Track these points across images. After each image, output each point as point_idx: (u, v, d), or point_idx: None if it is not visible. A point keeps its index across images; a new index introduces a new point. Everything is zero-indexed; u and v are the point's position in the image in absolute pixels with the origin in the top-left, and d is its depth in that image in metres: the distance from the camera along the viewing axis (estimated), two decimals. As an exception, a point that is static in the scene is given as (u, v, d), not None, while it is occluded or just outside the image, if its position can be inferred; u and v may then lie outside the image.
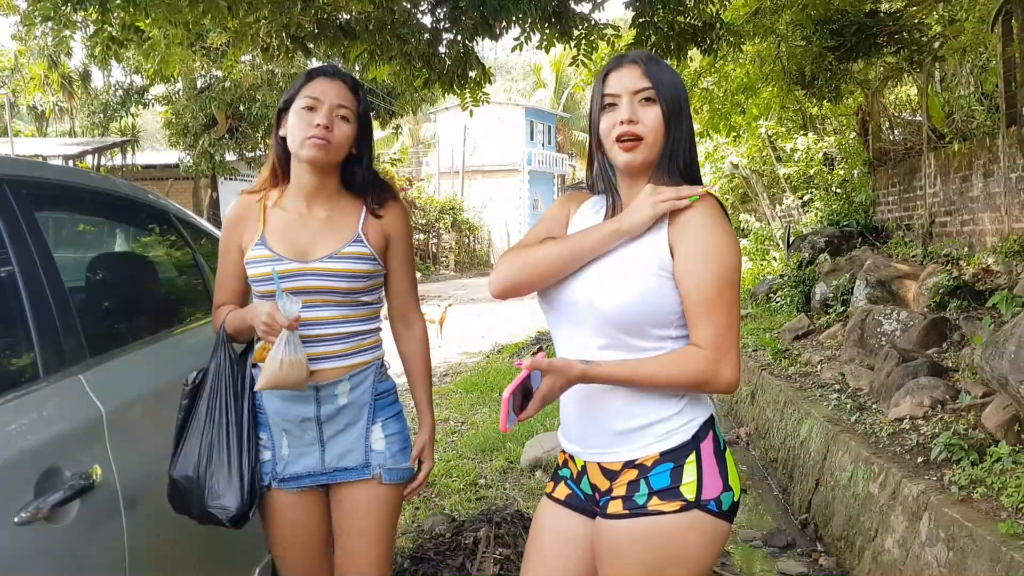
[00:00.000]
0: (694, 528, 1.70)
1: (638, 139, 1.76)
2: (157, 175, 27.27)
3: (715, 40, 6.21)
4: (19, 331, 1.95)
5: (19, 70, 30.53)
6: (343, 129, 2.15)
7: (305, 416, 2.16)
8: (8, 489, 1.69)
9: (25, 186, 2.14)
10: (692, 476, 1.72)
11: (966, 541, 3.29)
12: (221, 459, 2.10)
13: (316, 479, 2.20)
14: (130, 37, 5.64)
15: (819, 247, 10.70)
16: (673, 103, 1.77)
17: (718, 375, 1.68)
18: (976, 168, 8.10)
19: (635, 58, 1.81)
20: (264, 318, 2.02)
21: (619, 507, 1.74)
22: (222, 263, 2.29)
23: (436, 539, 3.94)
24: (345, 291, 2.16)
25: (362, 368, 2.21)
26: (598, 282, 1.76)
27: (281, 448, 2.19)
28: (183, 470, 2.11)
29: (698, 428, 1.75)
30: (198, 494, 2.08)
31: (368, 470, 2.20)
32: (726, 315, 1.69)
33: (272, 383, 2.03)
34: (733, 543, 4.83)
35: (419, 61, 6.24)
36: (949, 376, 5.20)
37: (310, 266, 2.14)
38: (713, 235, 1.70)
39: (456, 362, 11.16)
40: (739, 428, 7.43)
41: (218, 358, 2.17)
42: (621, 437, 1.76)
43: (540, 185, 42.01)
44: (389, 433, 2.24)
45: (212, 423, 2.13)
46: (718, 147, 14.63)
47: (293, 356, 2.01)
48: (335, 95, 2.14)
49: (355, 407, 2.20)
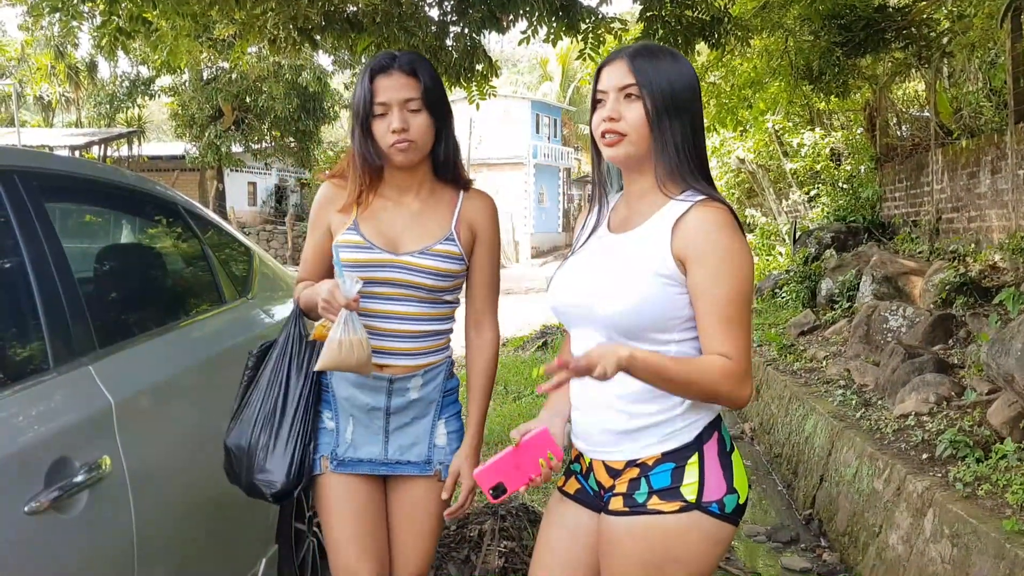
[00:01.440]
0: (694, 529, 1.70)
1: (620, 135, 1.75)
2: (163, 166, 27.35)
3: (723, 34, 6.20)
4: (29, 322, 1.96)
5: (26, 60, 30.58)
6: (419, 121, 2.11)
7: (374, 406, 2.16)
8: (18, 479, 1.70)
9: (35, 177, 2.15)
10: (694, 477, 1.71)
11: (970, 538, 3.29)
12: (275, 432, 2.10)
13: (375, 468, 2.19)
14: (138, 28, 5.64)
15: (825, 243, 10.68)
16: (663, 99, 1.73)
17: (740, 391, 1.66)
18: (984, 165, 8.08)
19: (625, 53, 1.78)
20: (325, 295, 1.99)
21: (620, 504, 1.76)
22: (310, 238, 2.29)
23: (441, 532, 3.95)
24: (430, 288, 2.15)
25: (434, 366, 2.22)
26: (598, 287, 1.76)
27: (346, 432, 2.18)
28: (236, 438, 2.12)
29: (702, 429, 1.75)
30: (248, 464, 2.09)
31: (429, 466, 2.20)
32: (745, 331, 1.68)
33: (331, 364, 2.00)
34: (737, 538, 4.84)
35: (426, 54, 6.23)
36: (955, 373, 5.19)
37: (400, 259, 2.12)
38: (728, 250, 1.68)
39: (461, 355, 11.14)
40: (744, 424, 7.44)
41: (289, 330, 2.18)
42: (624, 436, 1.76)
43: (546, 178, 41.95)
44: (451, 430, 2.25)
45: (272, 395, 2.13)
46: (724, 142, 14.58)
47: (352, 336, 1.97)
48: (398, 90, 2.09)
49: (424, 402, 2.20)
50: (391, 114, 2.08)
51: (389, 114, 2.09)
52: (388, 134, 2.09)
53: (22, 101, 31.14)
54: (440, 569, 3.61)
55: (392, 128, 2.08)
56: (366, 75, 2.11)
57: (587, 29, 6.05)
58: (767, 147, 14.50)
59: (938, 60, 9.28)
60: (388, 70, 2.10)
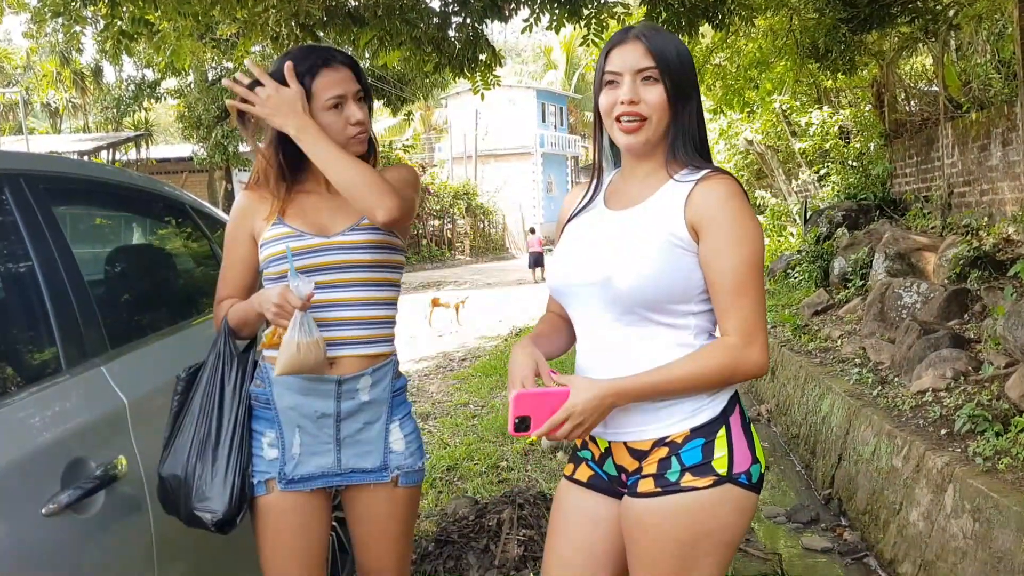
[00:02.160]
0: (727, 502, 1.70)
1: (641, 119, 1.73)
2: (171, 168, 27.41)
3: (727, 15, 6.16)
4: (40, 325, 1.97)
5: (32, 68, 30.70)
6: (365, 111, 2.12)
7: (324, 412, 2.07)
8: (35, 481, 1.71)
9: (42, 180, 2.15)
10: (723, 451, 1.71)
11: (992, 512, 3.27)
12: (212, 459, 2.01)
13: (329, 480, 2.11)
14: (140, 31, 5.65)
15: (836, 221, 10.62)
16: (679, 80, 1.73)
17: (746, 360, 1.67)
18: (994, 137, 8.01)
19: (639, 33, 1.75)
20: (276, 299, 1.94)
21: (651, 485, 1.73)
22: (228, 254, 2.21)
23: (460, 522, 3.95)
24: (369, 264, 2.09)
25: (382, 363, 2.14)
26: (614, 259, 1.73)
27: (292, 447, 2.09)
28: (171, 468, 2.01)
29: (726, 403, 1.74)
30: (185, 493, 1.99)
31: (386, 472, 2.13)
32: (753, 300, 1.67)
33: (291, 367, 1.95)
34: (757, 520, 4.83)
35: (429, 46, 6.21)
36: (971, 347, 5.16)
37: (333, 240, 2.07)
38: (738, 220, 1.68)
39: (474, 346, 11.18)
40: (760, 405, 7.42)
41: (217, 351, 2.09)
42: (649, 415, 1.74)
43: (553, 167, 41.89)
44: (407, 432, 2.17)
45: (205, 421, 2.04)
46: (732, 123, 14.51)
47: (309, 338, 1.94)
48: (348, 82, 2.08)
49: (375, 404, 2.12)
50: (347, 106, 2.07)
51: (344, 106, 2.07)
52: (348, 126, 2.07)
53: (29, 108, 31.28)
54: (460, 559, 3.61)
55: (356, 120, 2.07)
56: (308, 68, 2.06)
57: (590, 15, 6.01)
58: (775, 127, 14.42)
59: (945, 33, 9.19)
60: (331, 64, 2.08)
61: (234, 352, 2.10)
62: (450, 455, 5.62)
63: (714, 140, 15.12)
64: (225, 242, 2.23)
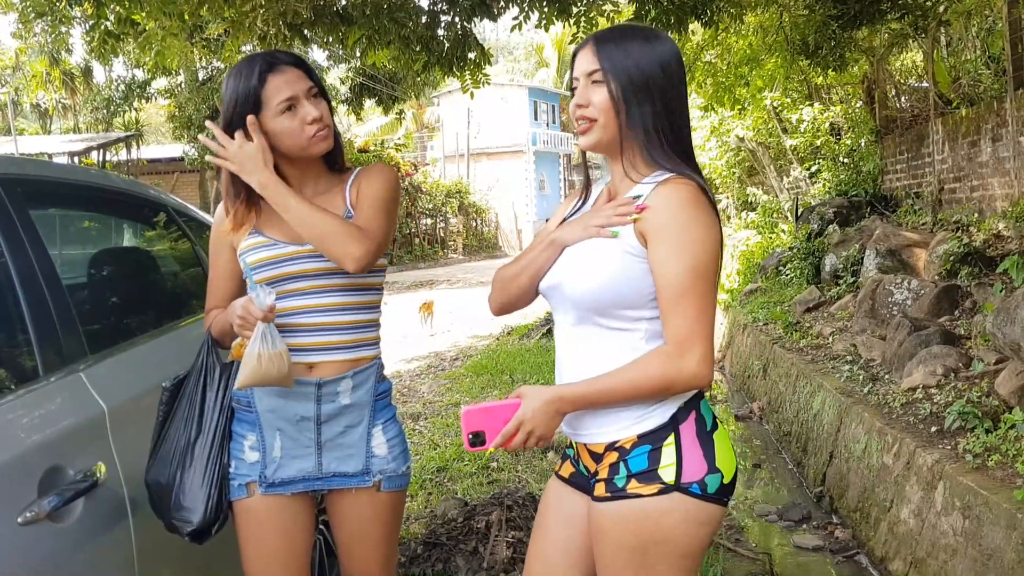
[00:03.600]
0: (675, 511, 1.68)
1: (590, 121, 1.75)
2: (162, 169, 27.35)
3: (715, 12, 6.16)
4: (18, 330, 1.94)
5: (21, 68, 30.58)
6: (324, 107, 2.06)
7: (303, 415, 2.06)
8: (11, 489, 1.68)
9: (19, 184, 2.12)
10: (671, 458, 1.70)
11: (982, 509, 3.27)
12: (192, 468, 2.01)
13: (310, 484, 2.10)
14: (126, 31, 5.62)
15: (828, 218, 10.62)
16: (629, 81, 1.72)
17: (682, 370, 1.64)
18: (984, 133, 8.01)
19: (591, 39, 1.79)
20: (239, 311, 1.93)
21: (603, 490, 1.75)
22: (213, 265, 2.21)
23: (448, 524, 3.94)
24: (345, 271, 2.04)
25: (365, 366, 2.11)
26: (567, 267, 1.79)
27: (272, 450, 2.08)
28: (155, 475, 2.02)
29: (676, 410, 1.73)
30: (166, 502, 2.00)
31: (368, 477, 2.10)
32: (695, 308, 1.65)
33: (252, 380, 1.92)
34: (749, 517, 4.83)
35: (417, 44, 6.20)
36: (962, 344, 5.16)
37: (306, 248, 2.03)
38: (686, 227, 1.66)
39: (466, 345, 11.16)
40: (752, 403, 7.41)
41: (200, 361, 2.09)
42: (599, 419, 1.76)
43: (546, 165, 41.86)
44: (390, 437, 2.14)
45: (188, 430, 2.04)
46: (723, 120, 14.49)
47: (272, 350, 1.90)
48: (300, 81, 2.02)
49: (357, 408, 2.10)
50: (301, 106, 2.01)
51: (298, 107, 2.01)
52: (307, 126, 2.01)
53: (19, 109, 31.15)
54: (448, 561, 3.60)
55: (312, 117, 2.01)
56: (254, 77, 2.00)
57: (579, 13, 6.01)
58: (766, 124, 14.40)
59: (935, 29, 9.19)
60: (276, 67, 2.02)
61: (216, 362, 2.10)
62: (440, 456, 5.60)
63: (705, 137, 15.10)
64: (210, 252, 2.23)
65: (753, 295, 9.74)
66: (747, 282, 10.99)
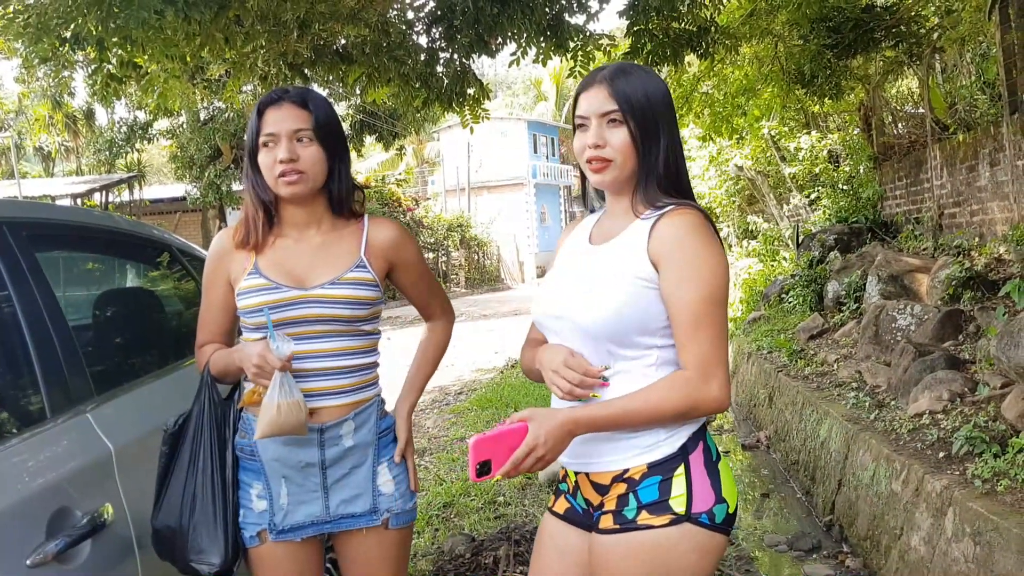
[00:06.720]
0: (685, 541, 1.69)
1: (607, 161, 1.76)
2: (165, 209, 27.47)
3: (711, 44, 6.22)
4: (24, 372, 1.95)
5: (24, 112, 30.84)
6: (309, 152, 2.03)
7: (308, 461, 2.04)
8: (19, 532, 1.68)
9: (25, 227, 2.14)
10: (681, 489, 1.70)
11: (992, 535, 3.24)
12: (205, 510, 2.00)
13: (319, 527, 2.09)
14: (128, 73, 5.68)
15: (829, 245, 10.63)
16: (644, 120, 1.74)
17: (704, 396, 1.67)
18: (982, 157, 8.05)
19: (603, 77, 1.78)
20: (256, 360, 1.91)
21: (610, 522, 1.74)
22: (207, 298, 2.18)
23: (456, 560, 3.91)
24: (347, 319, 2.05)
25: (365, 406, 2.10)
26: (576, 296, 1.78)
27: (279, 497, 2.06)
28: (164, 520, 2.00)
29: (686, 440, 1.73)
30: (181, 545, 1.98)
31: (376, 516, 2.10)
32: (712, 335, 1.67)
33: (271, 430, 1.92)
34: (759, 548, 4.79)
35: (417, 81, 6.26)
36: (967, 368, 5.14)
37: (311, 293, 2.02)
38: (698, 254, 1.68)
39: (470, 379, 11.13)
40: (759, 432, 7.38)
41: (201, 402, 2.06)
42: (608, 445, 1.75)
43: (546, 197, 42.02)
44: (396, 473, 2.14)
45: (195, 471, 2.02)
46: (721, 150, 14.58)
47: (290, 399, 1.90)
48: (287, 120, 2.01)
49: (360, 448, 2.09)
50: (279, 145, 2.01)
51: (277, 144, 2.01)
52: (275, 165, 2.01)
53: (22, 152, 31.38)
54: (457, 598, 3.57)
55: (280, 158, 1.99)
56: (258, 109, 2.05)
57: (576, 47, 6.07)
58: (764, 153, 14.49)
59: (929, 56, 9.27)
60: (278, 102, 2.04)
61: (217, 400, 2.08)
62: (446, 491, 5.57)
63: (704, 167, 15.18)
64: (203, 284, 2.20)
65: (756, 323, 9.73)
66: (750, 310, 10.99)
